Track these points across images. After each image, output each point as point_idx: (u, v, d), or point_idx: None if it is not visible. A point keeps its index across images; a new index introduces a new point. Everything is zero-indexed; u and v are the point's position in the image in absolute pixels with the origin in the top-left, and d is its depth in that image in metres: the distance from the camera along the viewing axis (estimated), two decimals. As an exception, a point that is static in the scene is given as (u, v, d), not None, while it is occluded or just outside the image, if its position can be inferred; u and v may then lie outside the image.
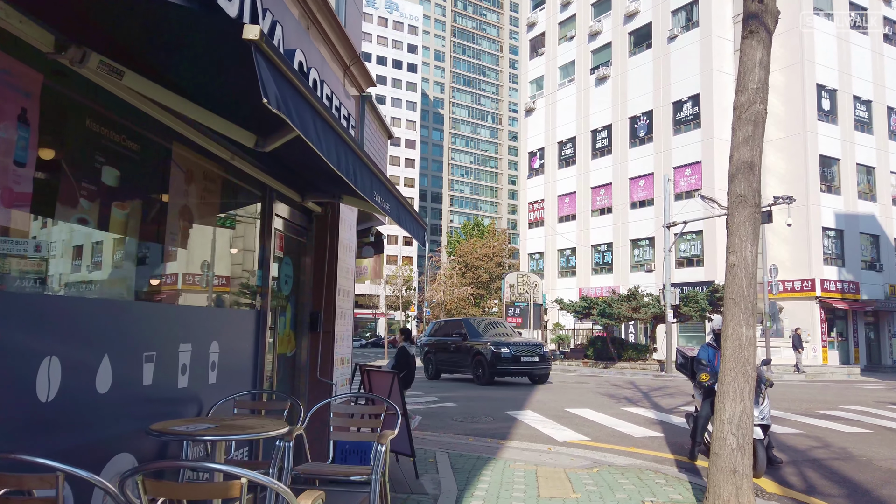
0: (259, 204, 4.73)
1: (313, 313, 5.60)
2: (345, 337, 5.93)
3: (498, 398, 14.39)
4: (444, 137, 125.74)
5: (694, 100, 33.92)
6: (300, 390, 5.50)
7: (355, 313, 46.63)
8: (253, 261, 4.66)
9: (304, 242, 5.65)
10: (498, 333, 20.58)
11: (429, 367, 20.96)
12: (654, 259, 35.37)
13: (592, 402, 13.73)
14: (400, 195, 4.79)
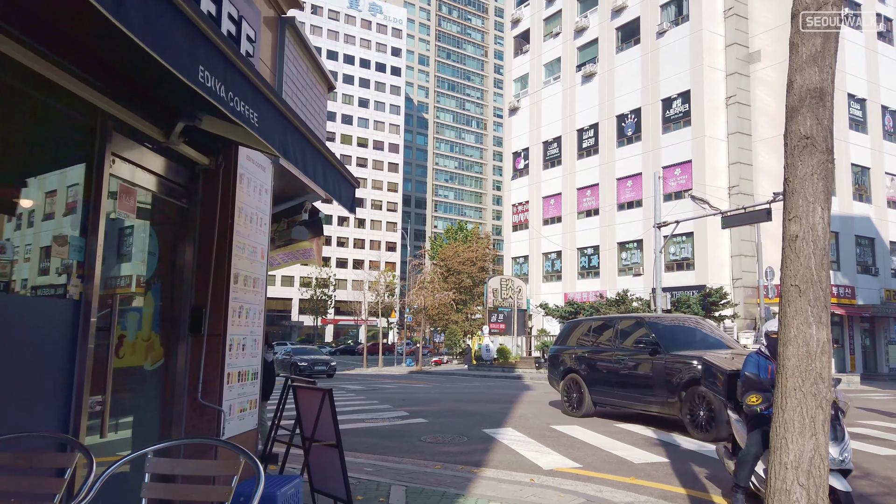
0: (87, 139, 3.07)
1: (195, 309, 3.93)
2: (246, 342, 4.26)
3: (475, 413, 12.73)
4: (428, 142, 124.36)
5: (684, 97, 32.64)
6: (172, 419, 3.82)
7: (335, 320, 44.52)
8: (71, 225, 2.99)
9: (185, 207, 3.99)
10: (706, 343, 11.14)
11: (571, 396, 12.45)
12: (642, 262, 33.96)
13: (582, 416, 12.12)
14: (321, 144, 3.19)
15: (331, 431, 4.92)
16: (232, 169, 4.05)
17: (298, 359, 27.79)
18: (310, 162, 3.40)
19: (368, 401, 15.16)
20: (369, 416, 12.20)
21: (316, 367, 27.58)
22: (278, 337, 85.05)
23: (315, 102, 5.51)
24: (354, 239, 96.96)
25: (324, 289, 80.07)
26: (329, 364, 28.31)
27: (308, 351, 30.84)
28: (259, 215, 4.42)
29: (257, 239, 4.40)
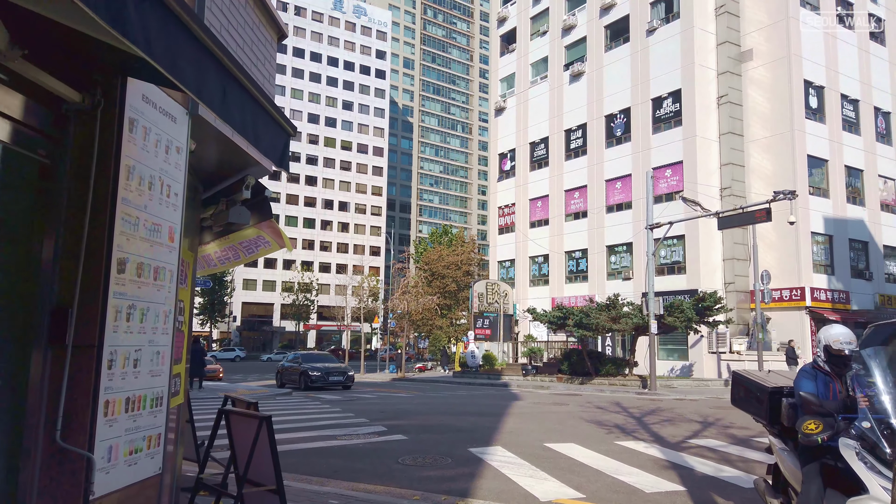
0: None
1: (57, 310, 2.71)
2: (141, 356, 3.04)
3: (460, 427, 11.54)
4: (413, 146, 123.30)
5: (674, 96, 31.78)
6: (18, 469, 2.59)
7: (318, 325, 42.33)
8: None
9: (46, 163, 2.77)
10: None
11: None
12: (632, 266, 33.00)
13: (578, 432, 10.97)
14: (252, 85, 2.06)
15: (269, 471, 3.71)
16: (117, 110, 2.85)
17: (309, 367, 23.69)
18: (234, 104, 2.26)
19: (344, 413, 13.91)
20: (343, 433, 10.97)
21: (331, 378, 23.36)
22: (259, 344, 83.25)
23: (258, 48, 4.34)
24: (338, 243, 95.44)
25: (306, 294, 78.47)
26: (346, 374, 24.10)
27: (320, 358, 26.16)
28: (165, 181, 3.22)
29: (162, 213, 3.19)
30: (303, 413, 14.30)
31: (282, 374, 25.28)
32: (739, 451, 9.12)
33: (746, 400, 5.75)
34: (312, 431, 11.19)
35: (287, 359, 26.77)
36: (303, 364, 24.20)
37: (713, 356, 29.06)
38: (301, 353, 28.92)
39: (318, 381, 23.16)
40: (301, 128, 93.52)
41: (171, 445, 4.07)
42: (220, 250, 5.50)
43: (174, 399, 4.73)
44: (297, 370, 24.12)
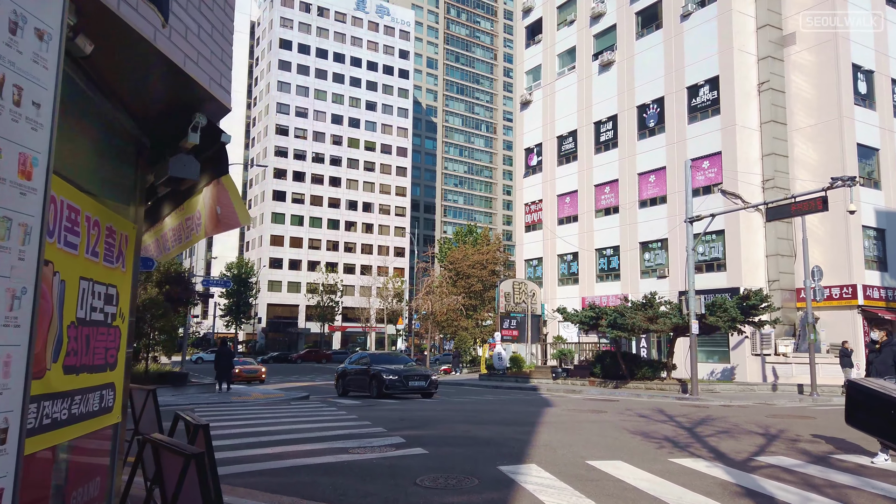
0: None
1: None
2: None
3: (488, 439, 10.22)
4: (437, 146, 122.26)
5: (712, 83, 30.06)
6: None
7: (343, 327, 40.13)
8: None
9: None
10: None
11: None
12: (667, 264, 31.32)
13: (623, 445, 9.58)
14: None
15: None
16: None
17: (382, 369, 19.76)
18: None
19: (360, 422, 12.69)
20: (356, 445, 9.74)
21: (411, 383, 19.47)
22: (285, 346, 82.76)
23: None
24: (362, 244, 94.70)
25: (331, 295, 77.82)
26: (429, 378, 20.11)
27: (391, 358, 22.12)
28: (9, 78, 1.98)
29: (7, 131, 1.96)
30: (315, 421, 13.13)
31: (344, 378, 21.41)
32: (822, 473, 7.66)
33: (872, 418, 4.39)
34: (322, 443, 9.98)
35: (350, 360, 22.40)
36: (373, 366, 20.20)
37: (757, 358, 27.29)
38: (367, 352, 24.60)
39: (394, 386, 19.28)
40: (325, 129, 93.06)
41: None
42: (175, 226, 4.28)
43: (104, 418, 3.51)
44: (364, 373, 20.31)
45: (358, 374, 20.70)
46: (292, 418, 13.56)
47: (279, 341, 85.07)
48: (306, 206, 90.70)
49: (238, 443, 10.11)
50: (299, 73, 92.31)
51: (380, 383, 19.36)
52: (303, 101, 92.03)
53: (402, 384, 19.47)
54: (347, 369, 21.51)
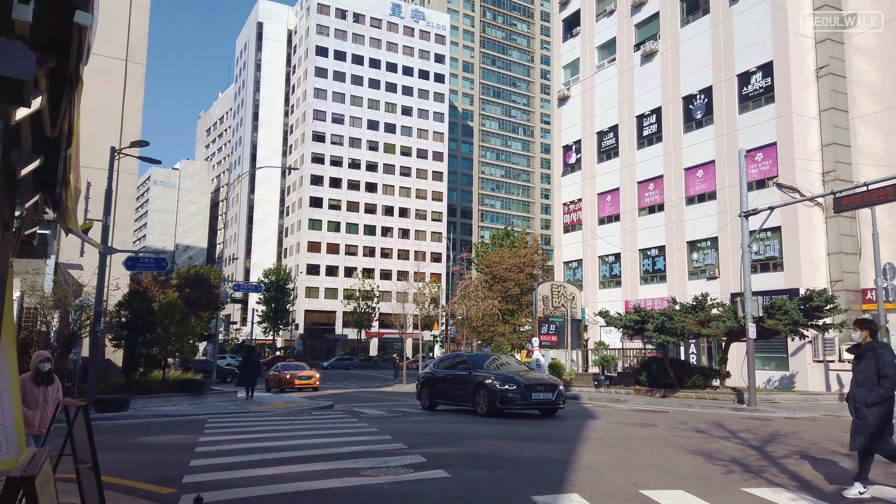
0: None
1: None
2: None
3: (522, 461, 8.77)
4: (473, 150, 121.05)
5: (765, 70, 27.99)
6: None
7: (380, 333, 37.79)
8: None
9: None
10: None
11: None
12: (717, 264, 29.27)
13: (682, 469, 8.02)
14: None
15: None
16: None
17: (493, 377, 15.03)
18: None
19: (380, 436, 11.39)
20: (370, 465, 8.43)
21: (535, 395, 14.60)
22: (322, 352, 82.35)
23: None
24: (398, 250, 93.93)
25: (367, 301, 77.11)
26: (557, 389, 15.03)
27: (493, 360, 17.02)
28: None
29: None
30: (331, 435, 11.88)
31: (431, 388, 17.09)
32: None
33: None
34: (332, 462, 8.70)
35: (438, 364, 18.00)
36: (475, 372, 15.58)
37: (819, 365, 25.06)
38: (465, 354, 20.02)
39: (511, 400, 14.51)
40: (361, 135, 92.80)
41: None
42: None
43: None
44: (463, 382, 15.79)
45: (453, 383, 16.25)
46: (308, 431, 12.35)
47: (317, 348, 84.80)
48: (343, 212, 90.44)
49: (238, 461, 8.92)
50: (335, 79, 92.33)
51: (491, 395, 14.65)
52: (339, 108, 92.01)
53: (523, 397, 14.53)
54: (435, 375, 17.20)
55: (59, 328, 16.72)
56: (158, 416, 14.87)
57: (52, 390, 6.56)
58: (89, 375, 14.53)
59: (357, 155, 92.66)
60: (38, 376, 6.34)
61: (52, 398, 6.57)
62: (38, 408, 6.30)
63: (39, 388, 6.34)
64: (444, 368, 17.36)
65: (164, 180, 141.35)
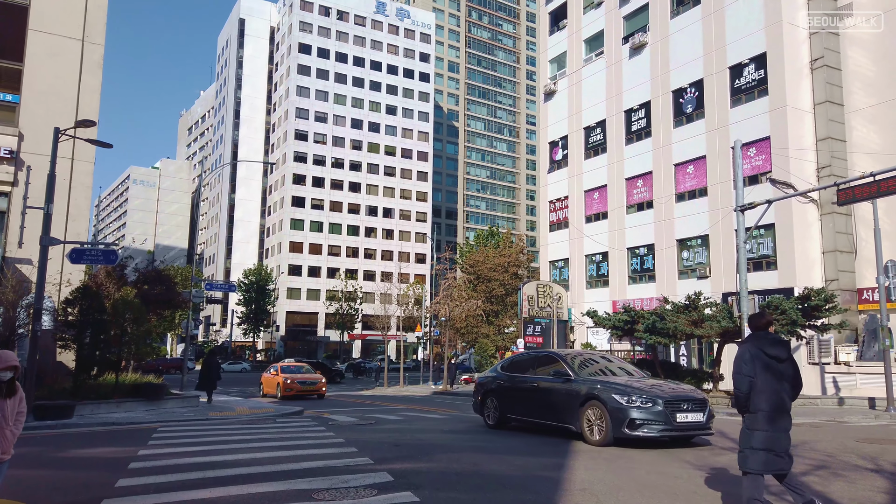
0: None
1: None
2: None
3: (506, 478, 7.52)
4: (458, 151, 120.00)
5: (758, 62, 27.11)
6: None
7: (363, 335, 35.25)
8: None
9: None
10: None
11: None
12: (708, 262, 28.31)
13: (688, 489, 6.82)
14: None
15: None
16: None
17: (618, 390, 10.20)
18: None
19: (344, 448, 10.09)
20: (325, 486, 7.15)
21: (680, 417, 9.97)
22: (304, 354, 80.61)
23: None
24: (382, 250, 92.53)
25: (351, 302, 75.66)
26: (706, 407, 10.37)
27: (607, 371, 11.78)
28: None
29: None
30: (291, 447, 10.56)
31: (500, 396, 12.66)
32: None
33: None
34: (283, 483, 7.40)
35: (508, 365, 13.17)
36: (579, 378, 10.92)
37: (814, 368, 24.15)
38: (556, 351, 12.96)
39: (648, 422, 9.81)
40: (344, 133, 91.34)
41: None
42: None
43: None
44: (560, 393, 11.03)
45: (539, 393, 11.61)
46: (265, 443, 11.01)
47: (298, 350, 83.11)
48: (326, 211, 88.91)
49: (173, 480, 7.58)
50: (319, 77, 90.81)
51: (614, 417, 9.90)
52: (322, 106, 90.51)
53: (665, 419, 9.84)
54: (508, 381, 12.60)
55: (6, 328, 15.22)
56: (105, 425, 13.47)
57: (12, 403, 4.97)
58: (27, 379, 13.09)
59: (340, 154, 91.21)
60: None
61: (13, 413, 4.99)
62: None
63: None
64: (520, 371, 12.56)
65: (145, 179, 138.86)
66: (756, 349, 5.35)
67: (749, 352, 5.36)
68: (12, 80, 18.58)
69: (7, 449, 4.90)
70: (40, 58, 18.78)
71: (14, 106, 18.38)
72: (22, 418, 5.03)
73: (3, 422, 4.88)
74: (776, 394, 5.24)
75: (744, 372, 5.29)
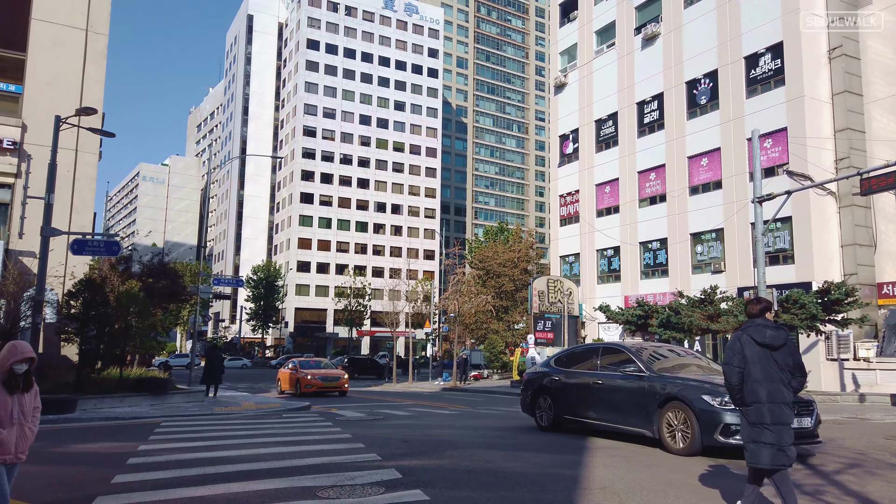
0: None
1: None
2: None
3: (520, 476, 7.11)
4: (467, 147, 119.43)
5: (774, 51, 26.49)
6: None
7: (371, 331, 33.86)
8: None
9: None
10: None
11: None
12: (723, 257, 27.75)
13: (717, 487, 6.39)
14: None
15: None
16: None
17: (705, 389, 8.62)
18: None
19: (351, 444, 9.72)
20: (330, 483, 6.78)
21: None
22: (312, 351, 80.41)
23: None
24: (391, 247, 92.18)
25: (359, 299, 75.39)
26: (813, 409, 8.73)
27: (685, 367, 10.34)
28: None
29: None
30: (296, 443, 10.20)
31: (555, 395, 11.12)
32: None
33: None
34: (286, 480, 7.04)
35: (562, 359, 11.67)
36: (654, 375, 9.48)
37: (833, 364, 23.56)
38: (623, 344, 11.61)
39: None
40: (352, 130, 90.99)
41: None
42: None
43: None
44: (632, 392, 9.63)
45: (605, 392, 10.13)
46: (269, 438, 10.66)
47: (307, 346, 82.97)
48: (334, 208, 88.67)
49: (172, 477, 7.24)
50: (327, 73, 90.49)
51: (702, 420, 8.45)
52: (330, 102, 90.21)
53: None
54: (558, 378, 11.13)
55: (8, 321, 14.95)
56: (107, 419, 13.17)
57: (30, 398, 4.52)
58: (27, 373, 12.80)
59: (349, 150, 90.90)
60: (10, 380, 4.39)
61: (31, 409, 4.54)
62: (14, 424, 4.41)
63: (14, 396, 4.41)
64: (577, 366, 11.09)
65: (154, 176, 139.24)
66: (748, 338, 4.97)
67: (740, 340, 4.99)
68: (16, 70, 18.31)
69: (24, 448, 4.45)
70: (44, 47, 18.51)
71: (17, 96, 18.12)
72: (38, 414, 4.59)
73: (21, 418, 4.44)
74: (773, 384, 4.85)
75: (733, 363, 4.94)
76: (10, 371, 4.35)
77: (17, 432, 4.38)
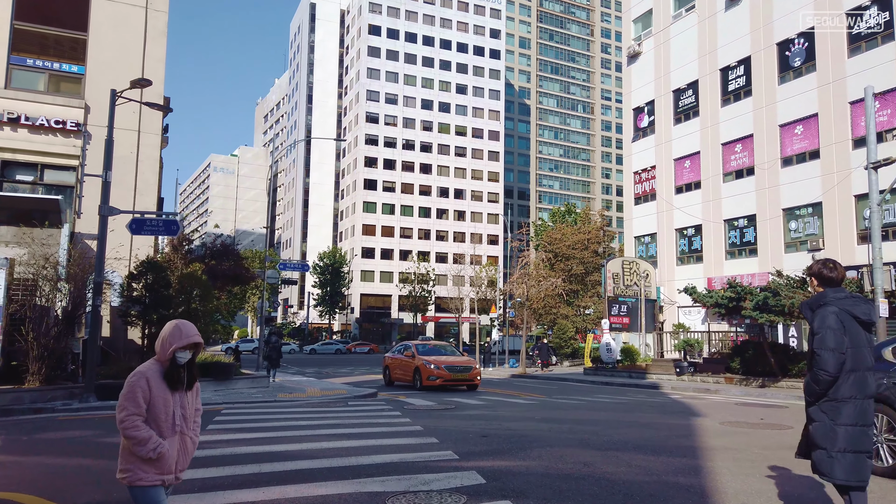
0: None
1: None
2: None
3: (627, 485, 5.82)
4: (530, 129, 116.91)
5: (881, 3, 23.64)
6: None
7: (436, 317, 32.24)
8: None
9: None
10: None
11: None
12: (822, 233, 25.22)
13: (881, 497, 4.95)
14: None
15: None
16: None
17: None
18: None
19: (423, 438, 8.65)
20: (401, 489, 5.70)
21: None
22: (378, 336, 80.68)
23: None
24: (454, 232, 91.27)
25: (423, 284, 75.01)
26: None
27: None
28: None
29: None
30: (362, 435, 9.21)
31: None
32: None
33: None
34: (351, 482, 6.01)
35: None
36: None
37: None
38: None
39: None
40: (414, 115, 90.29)
41: None
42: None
43: None
44: None
45: None
46: (334, 430, 9.73)
47: (373, 332, 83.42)
48: (397, 194, 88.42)
49: (223, 476, 6.33)
50: (388, 58, 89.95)
51: None
52: (392, 88, 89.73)
53: None
54: None
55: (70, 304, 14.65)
56: (168, 406, 12.64)
57: (192, 398, 3.38)
58: (88, 357, 12.41)
59: (411, 136, 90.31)
60: (172, 372, 3.24)
61: (193, 413, 3.40)
62: (176, 433, 3.25)
63: (175, 394, 3.25)
64: None
65: (224, 167, 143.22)
66: (843, 311, 3.68)
67: (835, 314, 3.66)
68: (77, 50, 18.08)
69: (185, 465, 3.31)
70: (104, 27, 18.19)
71: (80, 77, 17.88)
72: (199, 418, 3.45)
73: (184, 425, 3.28)
74: (864, 373, 3.68)
75: (832, 345, 3.61)
76: (173, 360, 3.21)
77: (179, 444, 3.25)
